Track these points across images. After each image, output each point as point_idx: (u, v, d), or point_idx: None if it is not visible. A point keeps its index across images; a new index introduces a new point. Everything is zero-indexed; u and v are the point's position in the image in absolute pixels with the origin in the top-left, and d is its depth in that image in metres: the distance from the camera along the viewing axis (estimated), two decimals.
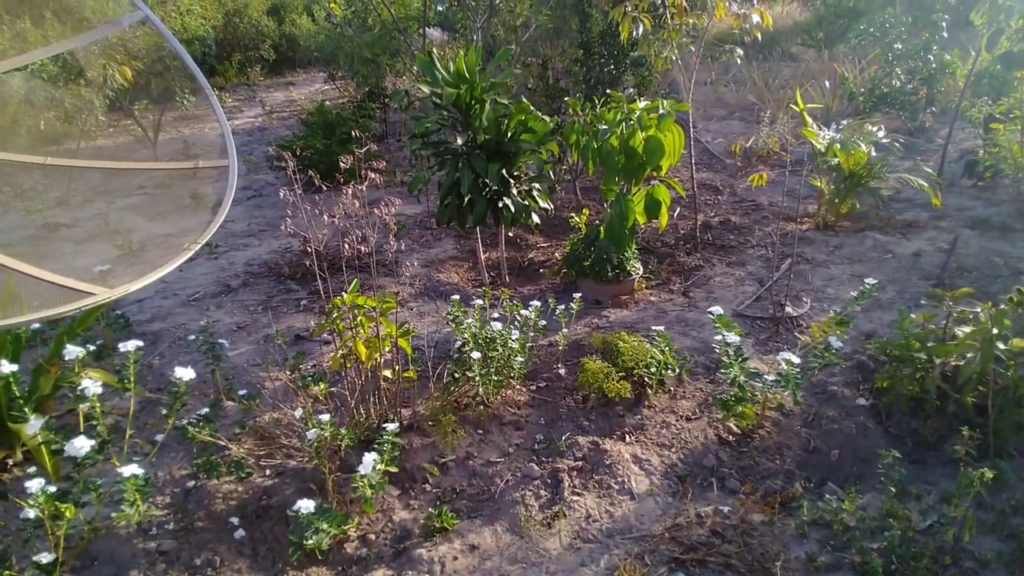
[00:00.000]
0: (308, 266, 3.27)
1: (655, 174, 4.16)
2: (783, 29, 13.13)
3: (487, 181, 3.95)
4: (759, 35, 4.45)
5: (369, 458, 2.19)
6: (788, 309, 3.81)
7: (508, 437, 2.99)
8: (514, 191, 4.19)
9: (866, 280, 2.88)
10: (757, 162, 6.75)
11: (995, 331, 2.58)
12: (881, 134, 4.80)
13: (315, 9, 13.61)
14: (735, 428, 2.90)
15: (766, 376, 2.73)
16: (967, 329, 2.74)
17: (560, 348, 3.39)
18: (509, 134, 4.08)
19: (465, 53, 3.93)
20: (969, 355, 2.67)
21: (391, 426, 2.41)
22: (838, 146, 4.41)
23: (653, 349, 3.15)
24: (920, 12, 6.59)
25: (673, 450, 2.83)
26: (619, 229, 3.89)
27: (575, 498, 2.57)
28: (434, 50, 5.71)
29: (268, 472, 2.73)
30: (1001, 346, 2.63)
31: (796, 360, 2.59)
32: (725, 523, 2.40)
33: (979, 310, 2.75)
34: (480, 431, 3.01)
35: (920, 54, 6.45)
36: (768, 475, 2.67)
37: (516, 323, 3.19)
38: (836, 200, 4.88)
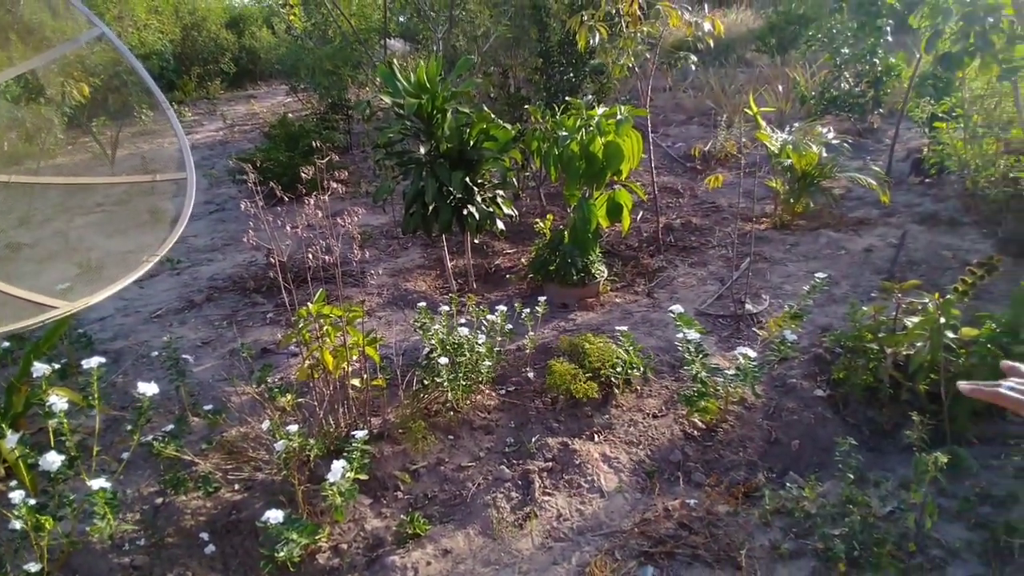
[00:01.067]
0: (274, 279, 3.26)
1: (616, 178, 4.24)
2: (737, 36, 13.50)
3: (451, 189, 3.98)
4: (711, 42, 4.59)
5: (338, 465, 2.19)
6: (748, 306, 3.92)
7: (479, 441, 3.01)
8: (478, 198, 4.23)
9: (816, 275, 2.98)
10: (716, 165, 6.92)
11: (942, 320, 2.70)
12: (831, 135, 4.99)
13: (275, 22, 13.51)
14: (700, 423, 2.97)
15: (727, 371, 2.81)
16: (916, 320, 2.86)
17: (527, 352, 3.43)
18: (472, 142, 4.13)
19: (426, 64, 3.96)
20: (919, 344, 2.79)
21: (360, 434, 2.41)
22: (790, 148, 4.57)
23: (619, 349, 3.21)
24: (866, 18, 6.85)
25: (641, 447, 2.89)
26: (582, 233, 3.96)
27: (546, 498, 2.60)
28: (395, 61, 5.74)
29: (237, 487, 2.70)
30: (950, 335, 2.76)
31: (753, 354, 2.67)
32: (692, 515, 2.46)
33: (927, 301, 2.87)
34: (451, 436, 3.02)
35: (866, 58, 6.72)
36: (732, 467, 2.75)
37: (483, 328, 3.22)
38: (791, 200, 5.04)
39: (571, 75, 5.41)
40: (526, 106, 5.04)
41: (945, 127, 4.48)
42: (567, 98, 4.65)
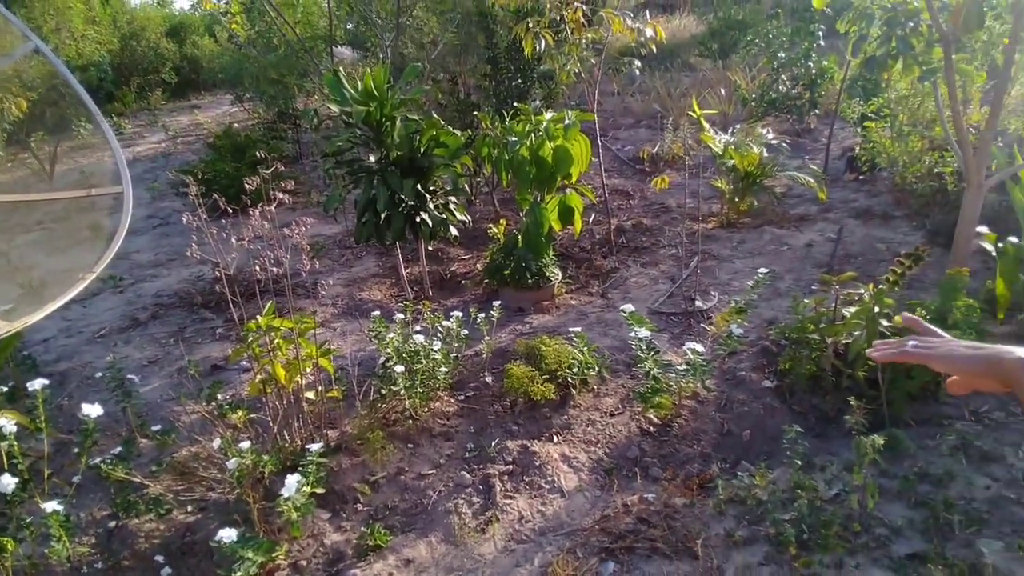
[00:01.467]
0: (221, 293, 3.16)
1: (567, 182, 4.31)
2: (682, 41, 13.87)
3: (403, 197, 3.97)
4: (655, 47, 4.72)
5: (292, 480, 2.16)
6: (698, 303, 4.03)
7: (439, 448, 3.01)
8: (431, 205, 4.23)
9: (759, 270, 3.09)
10: (664, 167, 7.08)
11: (877, 310, 2.84)
12: (771, 136, 5.18)
13: (217, 30, 13.18)
14: (655, 419, 3.04)
15: (679, 367, 2.89)
16: (853, 310, 3.00)
17: (484, 356, 3.44)
18: (422, 150, 4.13)
19: (374, 71, 3.95)
20: (856, 333, 2.92)
21: (315, 446, 2.38)
22: (732, 149, 4.73)
23: (574, 351, 3.25)
24: (800, 23, 7.15)
25: (599, 445, 2.93)
26: (535, 237, 4.00)
27: (507, 501, 2.61)
28: (340, 69, 5.69)
29: (190, 508, 2.62)
30: (884, 323, 2.90)
31: (701, 349, 2.75)
32: (650, 509, 2.51)
33: (863, 292, 3.01)
34: (410, 445, 3.01)
35: (801, 61, 7.01)
36: (688, 460, 2.82)
37: (439, 335, 3.21)
38: (736, 199, 5.21)
39: (520, 81, 5.47)
40: (476, 112, 5.07)
41: (874, 126, 4.71)
42: (515, 104, 4.70)
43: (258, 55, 8.01)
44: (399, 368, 2.82)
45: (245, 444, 2.33)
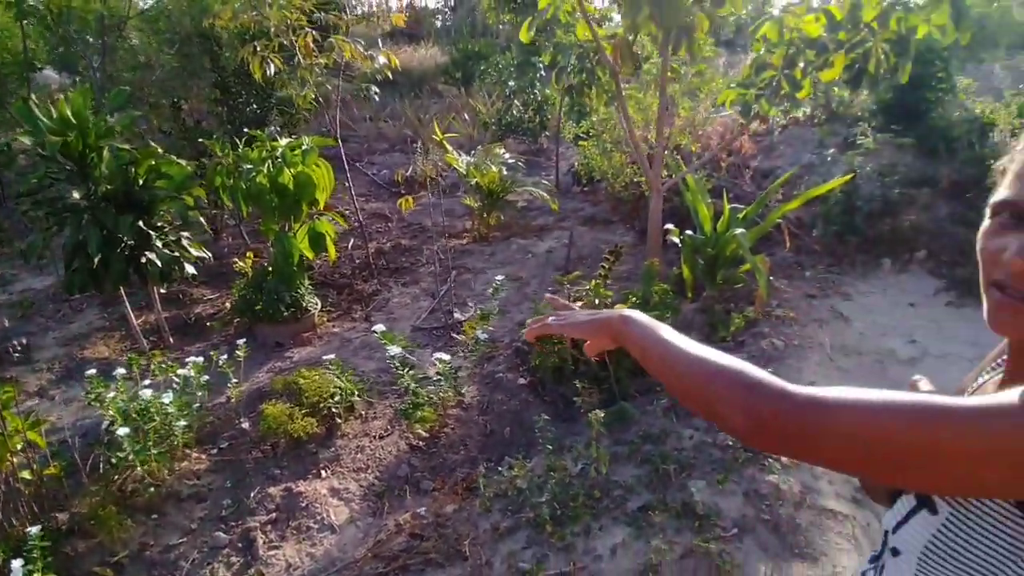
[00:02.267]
0: None
1: (316, 208, 4.20)
2: (429, 69, 14.48)
3: (122, 236, 3.49)
4: (390, 74, 4.86)
5: (17, 564, 1.77)
6: (457, 315, 4.23)
7: (189, 512, 2.69)
8: (158, 243, 3.79)
9: (496, 278, 3.36)
10: (420, 188, 7.31)
11: (597, 301, 3.27)
12: (507, 156, 5.67)
13: None
14: (423, 433, 3.10)
15: (434, 378, 2.99)
16: (580, 304, 3.41)
17: (233, 401, 3.18)
18: (140, 182, 3.68)
19: (72, 96, 3.42)
20: None
21: (34, 530, 1.98)
22: (473, 168, 5.06)
23: (335, 379, 3.18)
24: (526, 56, 7.95)
25: (369, 471, 2.90)
26: (286, 267, 3.82)
27: (272, 552, 2.44)
28: (32, 96, 4.80)
29: None
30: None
31: (447, 358, 2.90)
32: (423, 523, 2.55)
33: (587, 286, 3.45)
34: (155, 515, 2.65)
35: (528, 89, 7.80)
36: (456, 466, 2.93)
37: (175, 386, 2.89)
38: (484, 214, 5.59)
39: (255, 106, 5.18)
40: (202, 140, 4.68)
41: (586, 145, 5.45)
42: (246, 130, 4.44)
43: None
44: (123, 431, 2.47)
45: None
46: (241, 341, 3.24)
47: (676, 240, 3.86)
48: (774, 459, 2.78)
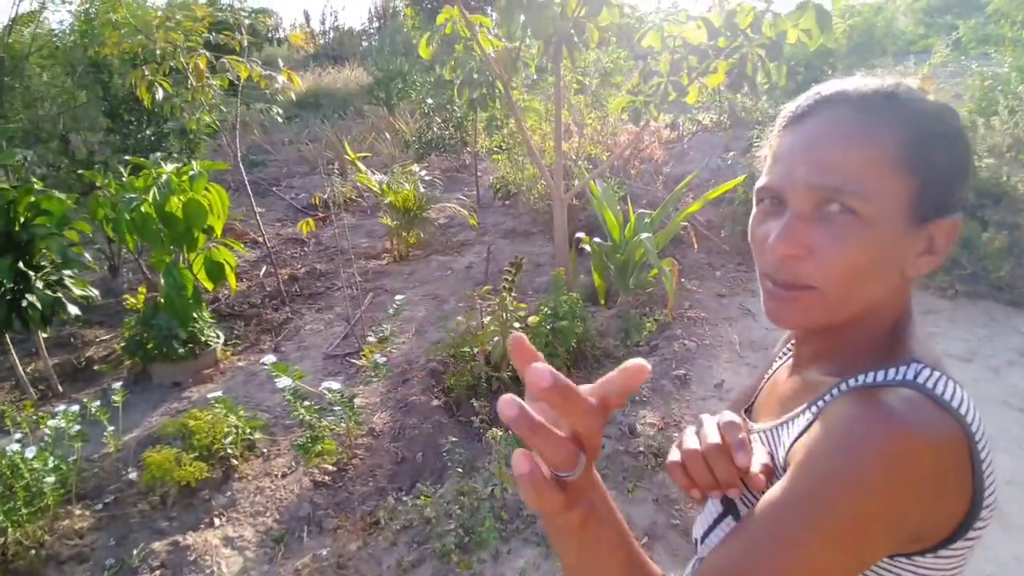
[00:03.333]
0: None
1: (213, 236, 3.98)
2: (354, 90, 14.32)
3: (1, 280, 3.21)
4: (293, 95, 4.70)
5: None
6: (371, 339, 4.07)
7: (71, 575, 2.44)
8: (39, 284, 3.50)
9: (396, 298, 3.25)
10: (339, 210, 7.11)
11: (505, 315, 3.21)
12: (424, 173, 5.58)
13: None
14: (328, 467, 2.93)
15: (335, 408, 2.84)
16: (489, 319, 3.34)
17: (112, 451, 2.93)
18: (20, 220, 3.40)
19: None
20: (495, 339, 3.26)
21: None
22: (387, 187, 4.94)
23: (231, 417, 2.97)
24: (440, 75, 7.90)
25: (268, 514, 2.71)
26: (179, 300, 3.59)
27: None
28: None
29: None
30: (517, 325, 3.29)
31: (336, 386, 2.77)
32: (323, 566, 2.39)
33: (497, 302, 3.38)
34: None
35: (448, 106, 7.76)
36: (363, 499, 2.77)
37: (46, 438, 2.63)
38: (403, 233, 5.47)
39: (148, 133, 4.91)
40: (81, 172, 4.39)
41: (500, 158, 5.43)
42: (127, 158, 4.19)
43: None
44: None
45: None
46: (117, 384, 2.99)
47: (587, 248, 3.85)
48: None
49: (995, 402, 3.15)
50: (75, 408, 2.77)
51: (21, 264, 3.45)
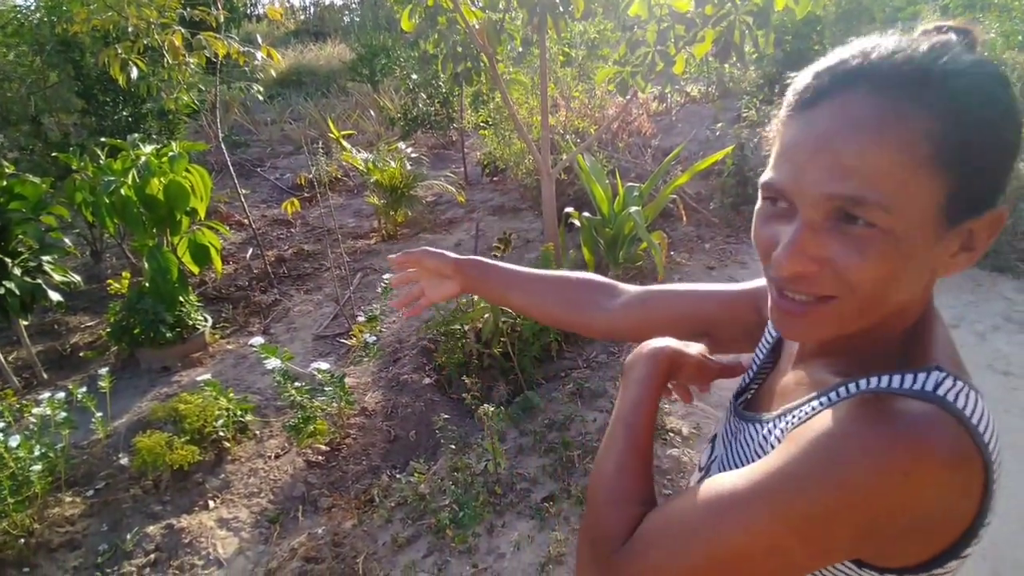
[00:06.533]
0: None
1: (196, 218, 3.91)
2: (338, 68, 14.04)
3: None
4: (273, 72, 4.59)
5: None
6: (361, 319, 4.05)
7: (63, 562, 2.43)
8: (16, 271, 3.43)
9: (384, 277, 3.22)
10: (326, 190, 7.02)
11: None
12: (410, 150, 5.50)
13: None
14: (321, 447, 2.93)
15: (326, 388, 2.83)
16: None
17: (101, 436, 2.91)
18: None
19: None
20: (486, 316, 3.25)
21: None
22: (372, 165, 4.87)
23: (221, 400, 2.96)
24: (424, 51, 7.75)
25: (262, 495, 2.71)
26: (164, 284, 3.54)
27: None
28: None
29: None
30: None
31: (325, 366, 2.75)
32: (319, 544, 2.40)
33: None
34: (26, 568, 2.38)
35: (433, 81, 7.63)
36: (357, 478, 2.78)
37: (32, 426, 2.60)
38: (391, 212, 5.41)
39: (125, 114, 4.79)
40: (55, 154, 4.28)
41: (487, 134, 5.36)
42: (103, 139, 4.09)
43: None
44: None
45: None
46: (103, 370, 2.96)
47: (576, 222, 3.83)
48: (675, 433, 2.79)
49: (980, 366, 3.19)
50: (61, 395, 2.74)
51: None
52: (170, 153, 3.51)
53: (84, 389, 2.86)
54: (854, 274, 0.52)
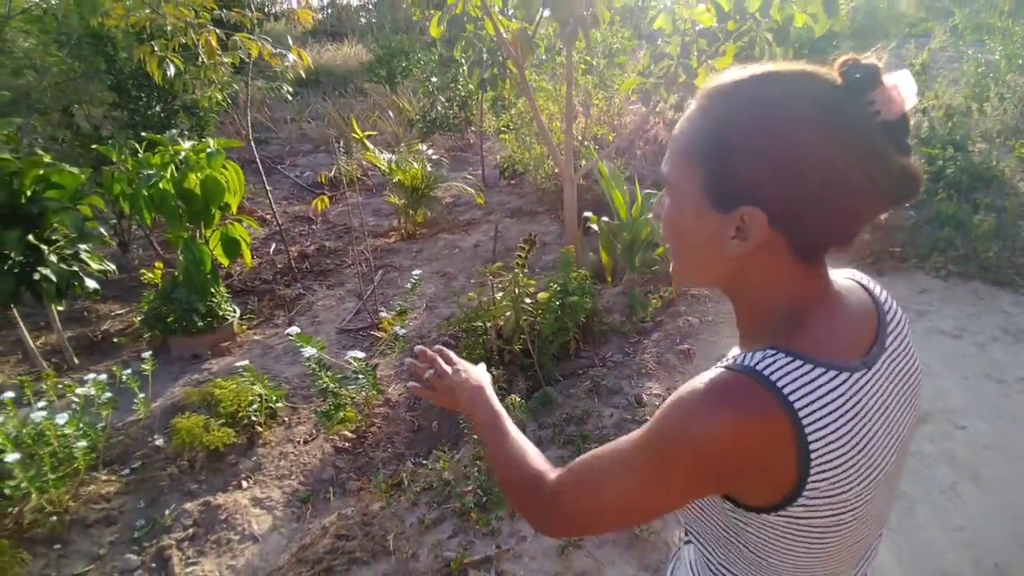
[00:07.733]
0: None
1: (228, 213, 4.06)
2: (355, 68, 14.20)
3: (9, 253, 3.28)
4: (303, 72, 4.74)
5: None
6: (383, 314, 4.18)
7: (98, 538, 2.56)
8: (52, 258, 3.57)
9: (413, 273, 3.35)
10: (345, 189, 7.16)
11: (517, 291, 3.31)
12: (431, 152, 5.63)
13: None
14: (348, 434, 3.06)
15: (356, 377, 2.95)
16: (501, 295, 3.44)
17: (142, 417, 3.04)
18: (28, 193, 3.46)
19: None
20: (508, 314, 3.37)
21: None
22: (395, 166, 5.01)
23: (254, 387, 3.09)
24: (450, 51, 7.89)
25: (293, 477, 2.83)
26: (198, 275, 3.68)
27: (190, 569, 2.36)
28: None
29: None
30: (528, 301, 3.39)
31: (362, 355, 2.87)
32: (349, 523, 2.52)
33: (508, 278, 3.48)
34: (58, 545, 2.50)
35: (452, 84, 7.77)
36: (384, 464, 2.90)
37: (74, 406, 2.74)
38: (410, 211, 5.54)
39: (158, 109, 4.95)
40: (94, 146, 4.43)
41: (507, 138, 5.48)
42: (143, 134, 4.24)
43: None
44: (12, 457, 2.32)
45: None
46: (147, 354, 3.09)
47: (595, 227, 3.94)
48: None
49: (979, 375, 3.29)
50: (104, 377, 2.87)
51: (31, 237, 3.51)
52: (208, 149, 3.65)
53: (128, 371, 2.99)
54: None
